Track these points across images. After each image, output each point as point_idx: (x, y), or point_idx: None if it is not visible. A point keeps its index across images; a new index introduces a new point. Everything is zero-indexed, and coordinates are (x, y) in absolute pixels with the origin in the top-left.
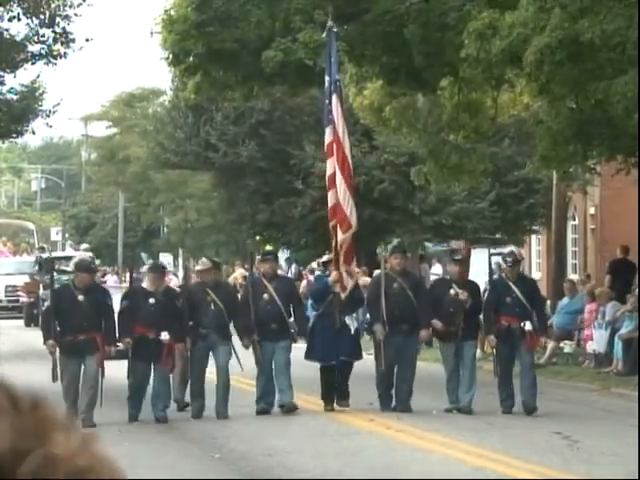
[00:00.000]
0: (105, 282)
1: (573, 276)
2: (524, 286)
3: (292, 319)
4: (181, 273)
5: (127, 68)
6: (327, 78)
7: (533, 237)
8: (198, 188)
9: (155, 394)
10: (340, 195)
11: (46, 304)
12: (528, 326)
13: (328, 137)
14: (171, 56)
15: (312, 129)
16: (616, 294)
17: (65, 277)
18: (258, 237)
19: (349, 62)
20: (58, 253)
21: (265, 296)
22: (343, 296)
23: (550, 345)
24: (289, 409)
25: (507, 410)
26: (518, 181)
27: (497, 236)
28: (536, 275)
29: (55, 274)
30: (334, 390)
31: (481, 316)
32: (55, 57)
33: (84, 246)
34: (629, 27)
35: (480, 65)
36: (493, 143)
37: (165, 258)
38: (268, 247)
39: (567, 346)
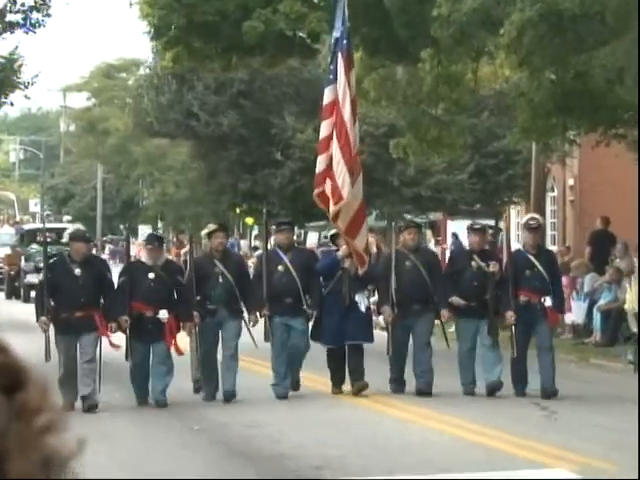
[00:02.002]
0: None
1: (552, 247)
2: (544, 258)
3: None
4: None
5: (106, 39)
6: (334, 34)
7: (512, 209)
8: (177, 160)
9: (153, 376)
10: (334, 162)
11: (28, 276)
12: (548, 302)
13: (326, 98)
14: (153, 30)
15: (292, 100)
16: (595, 265)
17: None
18: (238, 209)
19: (329, 33)
20: (49, 224)
21: (280, 268)
22: (361, 272)
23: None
24: (295, 390)
25: (521, 393)
26: (497, 152)
27: (477, 207)
28: (515, 247)
29: (37, 245)
30: (342, 373)
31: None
32: (34, 25)
33: (67, 217)
34: None
35: (451, 26)
36: (473, 115)
37: (144, 231)
38: (248, 219)
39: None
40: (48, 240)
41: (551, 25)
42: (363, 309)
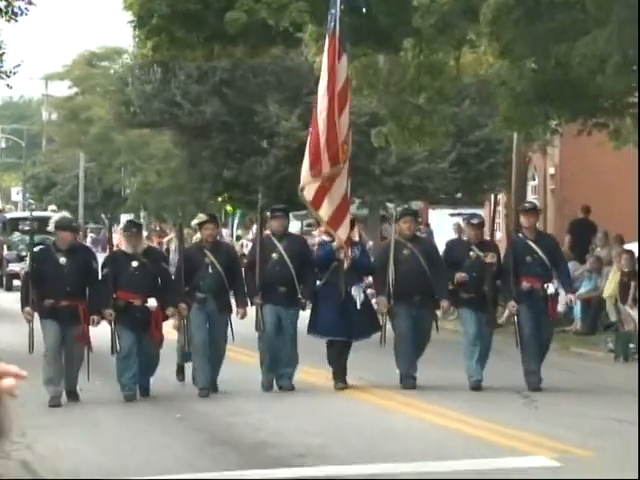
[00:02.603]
0: None
1: None
2: (544, 243)
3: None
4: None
5: (89, 27)
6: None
7: (493, 197)
8: (159, 149)
9: (139, 368)
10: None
11: (11, 265)
12: (551, 289)
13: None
14: (136, 20)
15: (274, 88)
16: (576, 254)
17: (28, 238)
18: (220, 198)
19: (311, 22)
20: (38, 213)
21: (274, 256)
22: (345, 266)
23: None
24: (287, 389)
25: (535, 387)
26: (479, 141)
27: (458, 196)
28: (496, 235)
29: (19, 234)
30: (344, 366)
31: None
32: (16, 14)
33: (52, 207)
34: None
35: (432, 16)
36: (454, 104)
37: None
38: (229, 207)
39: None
40: (30, 229)
41: (528, 10)
42: (358, 306)
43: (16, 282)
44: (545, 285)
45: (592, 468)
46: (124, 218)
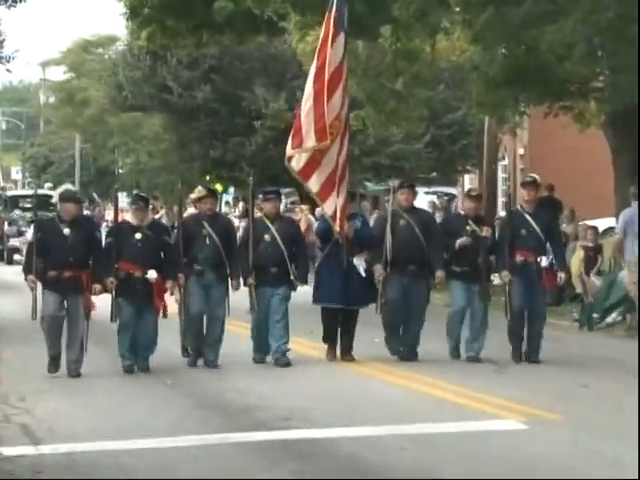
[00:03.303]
0: None
1: (503, 213)
2: (541, 218)
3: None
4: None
5: (84, 15)
6: None
7: (466, 177)
8: (150, 131)
9: (138, 342)
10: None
11: (11, 240)
12: (544, 262)
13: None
14: (129, 12)
15: (260, 74)
16: None
17: (27, 215)
18: (208, 177)
19: (293, 11)
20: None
21: (266, 237)
22: (340, 240)
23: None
24: (282, 364)
25: (519, 360)
26: (452, 124)
27: (432, 175)
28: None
29: (19, 211)
30: (336, 335)
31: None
32: (15, 1)
33: (48, 184)
34: None
35: (411, 7)
36: (429, 88)
37: (121, 198)
38: (218, 185)
39: (496, 278)
40: (29, 206)
41: None
42: (362, 272)
43: (17, 256)
44: (538, 258)
45: (558, 430)
46: (121, 196)
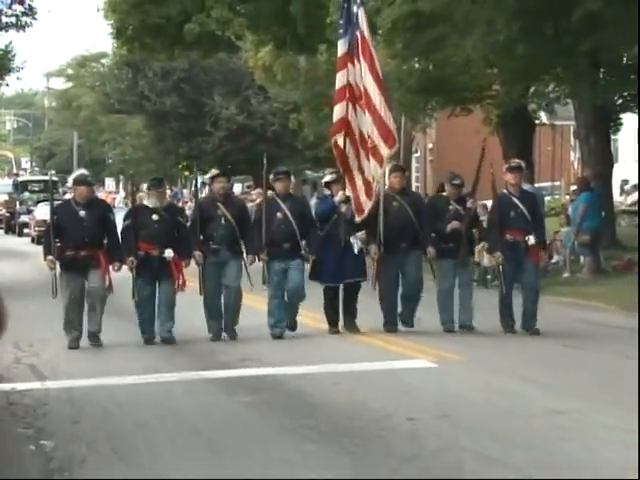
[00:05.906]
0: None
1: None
2: (527, 200)
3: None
4: (121, 194)
5: (80, 34)
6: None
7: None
8: (133, 129)
9: (159, 315)
10: (379, 108)
11: (22, 217)
12: (532, 240)
13: (340, 51)
14: (115, 31)
15: (220, 84)
16: None
17: (35, 196)
18: (180, 166)
19: (248, 31)
20: (38, 177)
21: (278, 215)
22: (358, 220)
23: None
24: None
25: (510, 330)
26: None
27: None
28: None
29: (28, 193)
30: (337, 312)
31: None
32: (23, 27)
33: (52, 172)
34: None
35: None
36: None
37: (109, 182)
38: (186, 172)
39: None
40: (36, 189)
41: (417, 22)
42: (356, 250)
43: (26, 230)
44: (526, 237)
45: (462, 368)
46: (107, 181)
